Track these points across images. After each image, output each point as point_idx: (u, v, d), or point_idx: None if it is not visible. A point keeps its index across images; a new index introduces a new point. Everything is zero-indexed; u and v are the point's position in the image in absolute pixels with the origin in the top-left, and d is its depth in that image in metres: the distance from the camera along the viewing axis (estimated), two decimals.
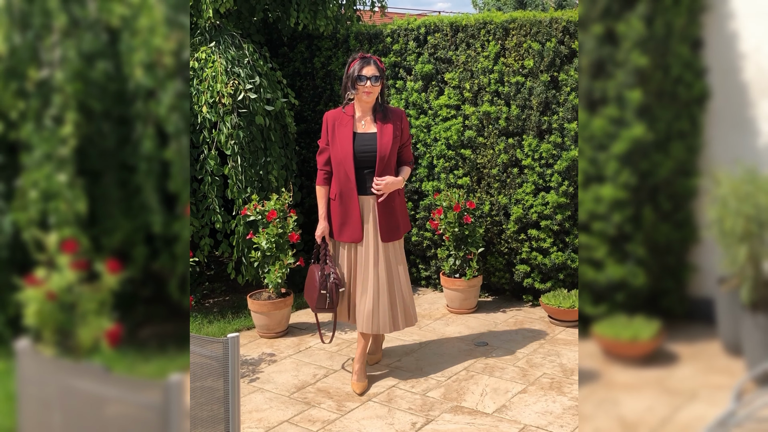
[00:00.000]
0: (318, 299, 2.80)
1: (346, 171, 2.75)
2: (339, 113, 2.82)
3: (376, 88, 2.73)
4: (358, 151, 2.73)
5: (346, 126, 2.77)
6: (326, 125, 2.82)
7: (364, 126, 2.79)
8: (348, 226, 2.80)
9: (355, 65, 2.73)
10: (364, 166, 2.75)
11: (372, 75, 2.71)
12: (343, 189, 2.78)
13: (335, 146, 2.77)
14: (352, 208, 2.78)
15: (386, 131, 2.76)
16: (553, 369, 3.02)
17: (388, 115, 2.80)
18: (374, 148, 2.74)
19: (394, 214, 2.82)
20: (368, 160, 2.74)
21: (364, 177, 2.76)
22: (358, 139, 2.75)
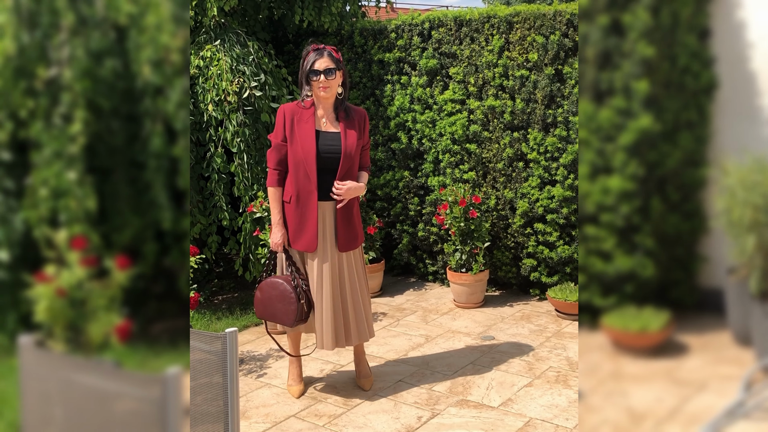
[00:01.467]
0: (297, 311, 2.54)
1: (306, 172, 2.50)
2: (297, 108, 2.56)
3: (332, 82, 2.48)
4: (321, 151, 2.50)
5: (307, 122, 2.51)
6: (283, 119, 2.53)
7: (325, 124, 2.55)
8: (304, 233, 2.55)
9: (308, 58, 2.49)
10: (326, 168, 2.52)
11: (326, 68, 2.45)
12: (300, 191, 2.53)
13: (295, 144, 2.51)
14: (310, 214, 2.53)
15: (350, 131, 2.54)
16: (559, 362, 3.02)
17: (351, 115, 2.58)
18: (338, 148, 2.51)
19: (352, 222, 2.61)
20: (331, 160, 2.51)
21: (325, 180, 2.52)
22: (321, 137, 2.52)
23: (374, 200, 4.36)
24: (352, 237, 2.62)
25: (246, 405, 2.72)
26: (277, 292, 2.56)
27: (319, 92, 2.49)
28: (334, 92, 2.53)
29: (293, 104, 2.59)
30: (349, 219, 2.60)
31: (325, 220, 2.57)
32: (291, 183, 2.55)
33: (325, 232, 2.58)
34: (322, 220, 2.57)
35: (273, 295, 2.57)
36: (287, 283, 2.55)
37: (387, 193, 4.29)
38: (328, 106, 2.57)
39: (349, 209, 2.59)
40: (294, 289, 2.54)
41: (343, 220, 2.58)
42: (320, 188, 2.53)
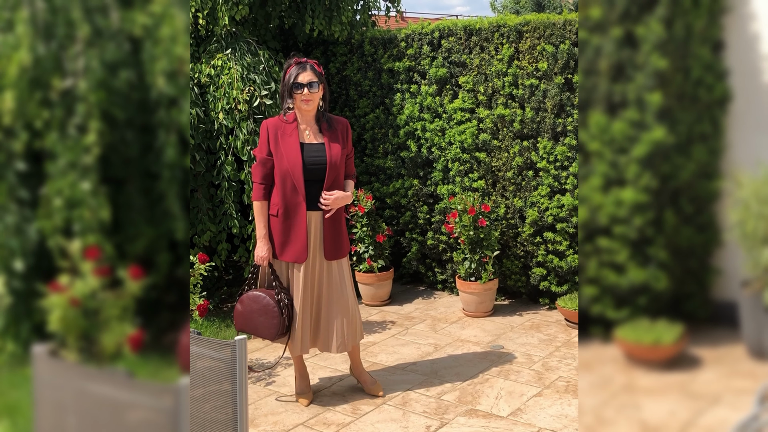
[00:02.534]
0: (280, 326, 2.57)
1: (294, 184, 2.55)
2: (280, 122, 2.61)
3: (315, 95, 2.54)
4: (307, 162, 2.55)
5: (291, 136, 2.57)
6: (266, 135, 2.58)
7: (309, 136, 2.60)
8: (292, 245, 2.59)
9: (290, 71, 2.55)
10: (313, 179, 2.56)
11: (309, 81, 2.52)
12: (288, 203, 2.57)
13: (281, 157, 2.55)
14: (299, 225, 2.57)
15: (334, 142, 2.61)
16: (569, 372, 3.01)
17: (333, 125, 2.64)
18: (323, 160, 2.56)
19: (340, 231, 2.66)
20: (317, 171, 2.56)
21: (312, 191, 2.57)
22: (305, 149, 2.57)
23: (383, 208, 4.37)
24: (339, 246, 2.66)
25: (254, 413, 2.73)
26: (259, 306, 2.59)
27: (301, 105, 2.56)
28: (316, 105, 2.59)
29: (276, 119, 2.64)
30: (337, 228, 2.65)
31: (312, 230, 2.62)
32: (278, 196, 2.59)
33: (314, 243, 2.62)
34: (310, 231, 2.61)
35: (255, 308, 2.60)
36: (270, 297, 2.59)
37: (396, 201, 4.29)
38: (310, 118, 2.63)
39: (336, 219, 2.64)
40: (277, 303, 2.58)
41: (330, 230, 2.62)
42: (308, 199, 2.58)
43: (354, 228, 4.10)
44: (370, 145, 4.41)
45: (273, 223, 2.63)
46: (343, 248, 2.69)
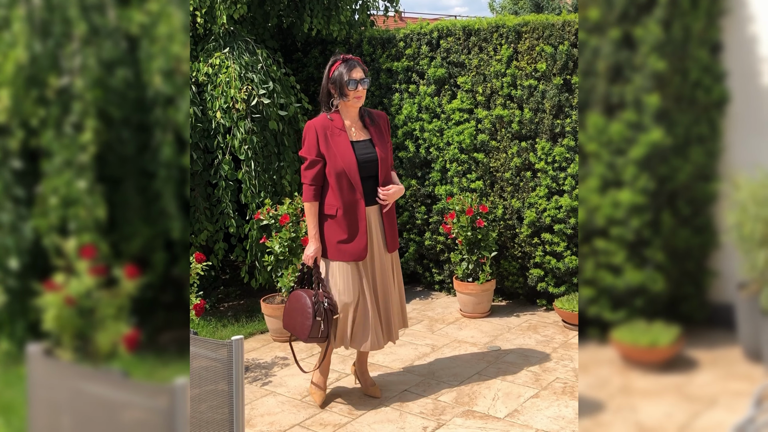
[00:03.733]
0: (312, 328, 2.53)
1: (350, 182, 2.54)
2: (326, 122, 2.59)
3: (365, 92, 2.57)
4: (360, 159, 2.55)
5: (339, 135, 2.56)
6: (315, 136, 2.56)
7: (355, 133, 2.61)
8: (353, 243, 2.57)
9: (339, 69, 2.52)
10: (367, 175, 2.58)
11: (361, 78, 2.53)
12: (347, 202, 2.55)
13: (334, 157, 2.54)
14: (359, 222, 2.56)
15: (379, 135, 2.63)
16: (566, 374, 3.00)
17: (375, 119, 2.66)
18: (374, 155, 2.58)
19: (394, 223, 2.70)
20: (370, 167, 2.58)
21: (367, 187, 2.59)
22: (355, 147, 2.58)
23: None
24: (395, 236, 2.72)
25: (251, 413, 2.72)
26: (299, 305, 2.59)
27: (354, 101, 2.58)
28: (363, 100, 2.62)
29: (321, 119, 2.62)
30: (393, 220, 2.70)
31: (372, 225, 2.64)
32: (334, 196, 2.57)
33: (374, 238, 2.64)
34: (369, 226, 2.63)
35: (296, 307, 2.61)
36: (309, 298, 2.57)
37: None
38: (353, 114, 2.63)
39: (392, 211, 2.69)
40: (312, 306, 2.54)
41: (388, 223, 2.67)
42: (365, 195, 2.59)
43: None
44: None
45: (330, 224, 2.59)
46: (395, 239, 2.74)
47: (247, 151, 3.71)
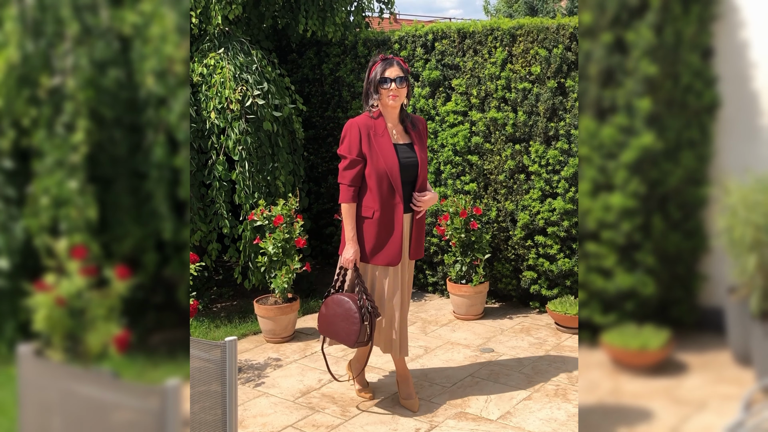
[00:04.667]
0: (360, 333, 2.47)
1: (391, 185, 2.47)
2: (369, 121, 2.52)
3: (402, 91, 2.48)
4: (402, 163, 2.49)
5: (383, 136, 2.48)
6: (358, 135, 2.48)
7: (396, 136, 2.54)
8: (387, 248, 2.52)
9: (377, 68, 2.49)
10: (406, 180, 2.52)
11: (396, 76, 2.46)
12: (385, 205, 2.49)
13: (377, 158, 2.46)
14: (396, 227, 2.50)
15: (420, 141, 2.58)
16: (558, 376, 3.01)
17: (416, 124, 2.61)
18: (415, 160, 2.52)
19: (423, 231, 2.64)
20: (411, 172, 2.52)
21: (405, 192, 2.53)
22: (398, 150, 2.52)
23: None
24: (421, 245, 2.65)
25: (243, 414, 2.72)
26: (342, 310, 2.51)
27: (388, 101, 2.47)
28: (402, 102, 2.53)
29: (363, 118, 2.54)
30: (422, 229, 2.63)
31: (404, 231, 2.58)
32: (372, 198, 2.49)
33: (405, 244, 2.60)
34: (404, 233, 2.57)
35: (338, 312, 2.52)
36: (353, 302, 2.50)
37: None
38: (394, 117, 2.56)
39: (423, 219, 2.63)
40: (359, 310, 2.48)
41: (417, 230, 2.60)
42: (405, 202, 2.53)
43: None
44: None
45: (367, 225, 2.52)
46: (421, 248, 2.67)
47: (242, 151, 3.71)
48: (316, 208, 4.67)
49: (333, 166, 4.60)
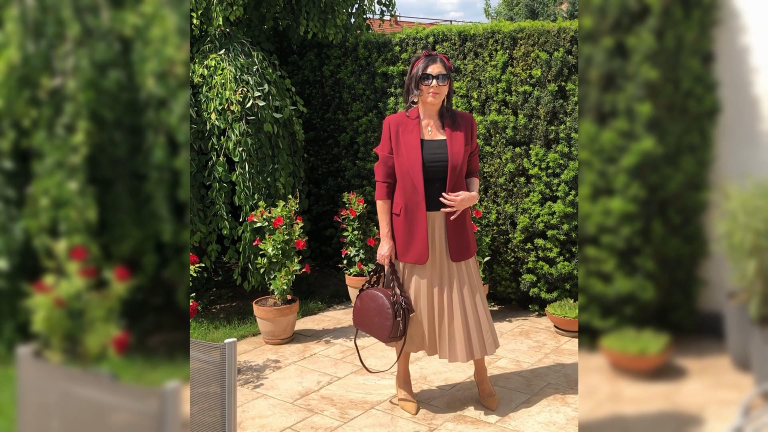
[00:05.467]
0: (393, 328, 2.47)
1: (413, 183, 2.45)
2: (402, 118, 2.51)
3: (443, 89, 2.43)
4: (426, 160, 2.44)
5: (412, 132, 2.46)
6: (388, 131, 2.50)
7: (430, 132, 2.49)
8: (414, 246, 2.50)
9: (419, 64, 2.44)
10: (434, 178, 2.45)
11: (439, 73, 2.40)
12: (409, 203, 2.48)
13: (401, 155, 2.47)
14: (419, 225, 2.48)
15: (457, 138, 2.47)
16: (557, 379, 3.01)
17: (457, 120, 2.50)
18: (444, 157, 2.45)
19: (465, 232, 2.54)
20: (438, 170, 2.45)
21: (433, 190, 2.46)
22: (425, 146, 2.46)
23: (374, 212, 4.36)
24: (464, 247, 2.54)
25: (241, 416, 2.72)
26: (376, 305, 2.52)
27: (428, 97, 2.44)
28: (443, 99, 2.48)
29: (398, 115, 2.55)
30: (462, 229, 2.53)
31: (436, 231, 2.51)
32: (399, 195, 2.52)
33: (436, 244, 2.51)
34: (434, 232, 2.51)
35: (372, 307, 2.53)
36: (387, 297, 2.50)
37: None
38: (434, 113, 2.51)
39: (461, 219, 2.52)
40: (392, 305, 2.48)
41: (453, 232, 2.50)
42: (429, 198, 2.47)
43: (345, 231, 4.09)
44: (363, 148, 4.40)
45: (395, 222, 2.54)
46: (469, 249, 2.57)
47: (242, 153, 3.71)
48: (315, 210, 4.66)
49: (333, 168, 4.60)
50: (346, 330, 3.74)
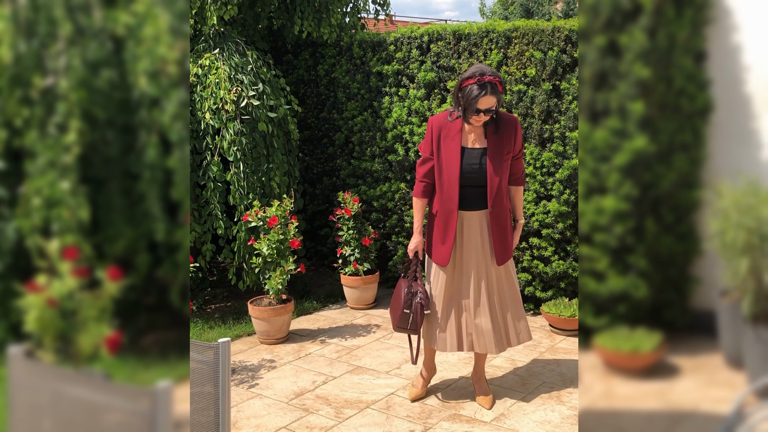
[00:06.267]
0: (400, 318, 2.61)
1: (449, 190, 2.52)
2: (445, 121, 2.54)
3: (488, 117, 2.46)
4: (465, 171, 2.49)
5: (453, 139, 2.50)
6: (431, 133, 2.55)
7: (472, 140, 2.52)
8: (442, 247, 2.59)
9: (472, 88, 2.40)
10: (472, 186, 2.52)
11: (487, 108, 2.42)
12: (444, 206, 2.56)
13: (441, 162, 2.53)
14: (449, 229, 2.55)
15: (498, 148, 2.50)
16: (552, 378, 3.01)
17: (500, 127, 2.52)
18: (483, 168, 2.49)
19: (505, 234, 2.61)
20: (475, 179, 2.51)
21: (469, 197, 2.53)
22: (466, 155, 2.50)
23: (370, 211, 4.36)
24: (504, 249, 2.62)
25: (236, 415, 2.71)
26: (397, 294, 2.69)
27: (474, 123, 2.49)
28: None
29: (442, 116, 2.58)
30: (503, 230, 2.61)
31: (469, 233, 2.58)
32: (438, 197, 2.60)
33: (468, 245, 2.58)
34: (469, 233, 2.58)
35: (395, 295, 2.70)
36: (405, 288, 2.63)
37: (383, 204, 4.29)
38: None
39: (502, 223, 2.59)
40: (404, 297, 2.61)
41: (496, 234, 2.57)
42: (464, 202, 2.54)
43: (340, 231, 4.09)
44: (358, 147, 4.40)
45: (430, 221, 2.65)
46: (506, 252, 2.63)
47: (236, 152, 3.70)
48: (310, 210, 4.66)
49: (328, 167, 4.60)
50: (342, 329, 3.74)
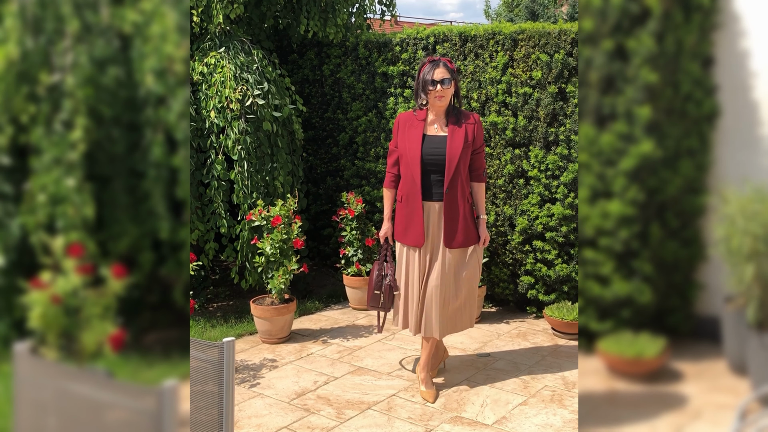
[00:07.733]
0: (371, 297, 2.88)
1: (412, 174, 2.71)
2: (411, 116, 2.79)
3: (447, 91, 2.66)
4: (425, 153, 2.68)
5: (416, 128, 2.73)
6: (397, 127, 2.80)
7: (435, 129, 2.74)
8: (411, 230, 2.78)
9: (424, 69, 2.69)
10: (432, 171, 2.70)
11: (442, 78, 2.64)
12: (408, 192, 2.76)
13: (403, 149, 2.74)
14: (416, 212, 2.74)
15: (457, 135, 2.69)
16: (554, 381, 3.01)
17: (461, 119, 2.73)
18: (443, 151, 2.68)
19: (456, 221, 2.74)
20: (436, 164, 2.68)
21: (431, 183, 2.70)
22: (426, 141, 2.70)
23: (373, 212, 4.36)
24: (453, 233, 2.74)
25: (238, 415, 2.71)
26: (371, 276, 2.93)
27: (435, 101, 2.69)
28: (449, 100, 2.72)
29: (409, 113, 2.83)
30: (454, 218, 2.74)
31: (433, 219, 2.75)
32: (402, 184, 2.81)
33: (433, 231, 2.76)
34: (429, 219, 2.76)
35: (370, 276, 2.94)
36: (377, 269, 2.88)
37: None
38: (441, 113, 2.76)
39: (453, 209, 2.74)
40: (376, 278, 2.87)
41: (447, 220, 2.73)
42: (425, 190, 2.73)
43: (343, 231, 4.09)
44: (362, 148, 4.40)
45: (398, 208, 2.82)
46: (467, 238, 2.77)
47: (240, 151, 3.70)
48: (314, 209, 4.66)
49: (332, 167, 4.60)
50: (344, 330, 3.73)
